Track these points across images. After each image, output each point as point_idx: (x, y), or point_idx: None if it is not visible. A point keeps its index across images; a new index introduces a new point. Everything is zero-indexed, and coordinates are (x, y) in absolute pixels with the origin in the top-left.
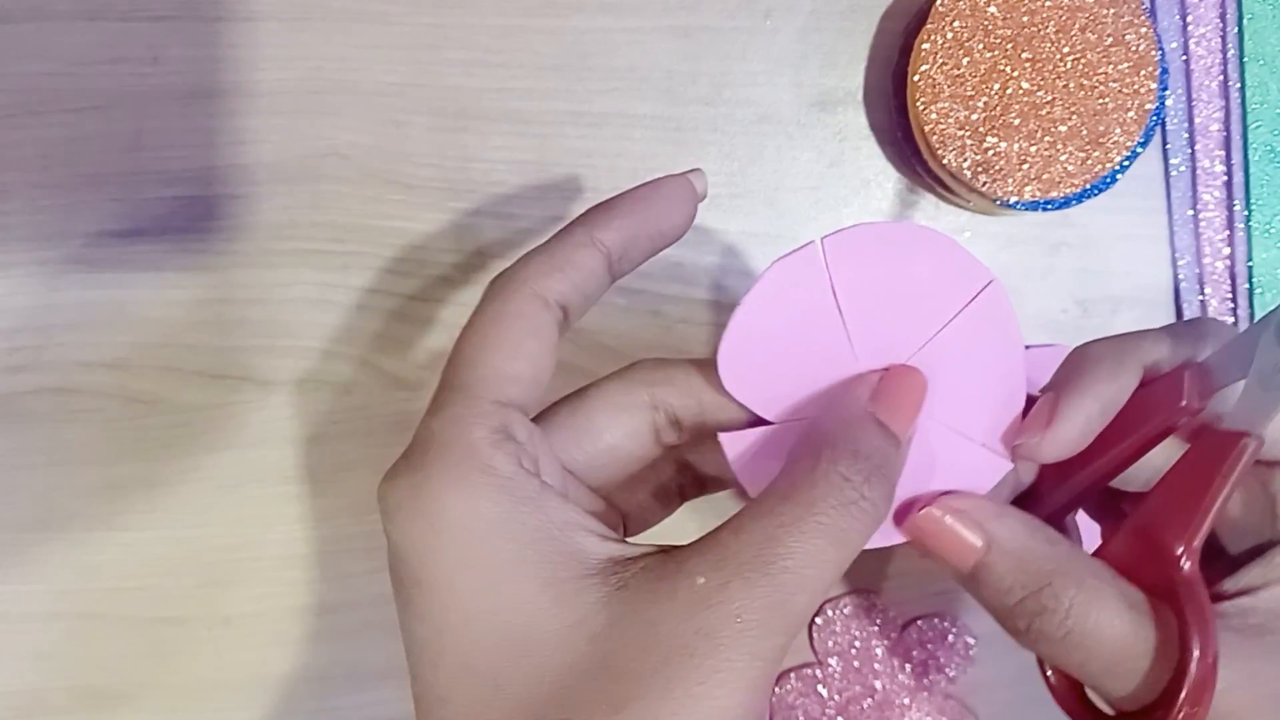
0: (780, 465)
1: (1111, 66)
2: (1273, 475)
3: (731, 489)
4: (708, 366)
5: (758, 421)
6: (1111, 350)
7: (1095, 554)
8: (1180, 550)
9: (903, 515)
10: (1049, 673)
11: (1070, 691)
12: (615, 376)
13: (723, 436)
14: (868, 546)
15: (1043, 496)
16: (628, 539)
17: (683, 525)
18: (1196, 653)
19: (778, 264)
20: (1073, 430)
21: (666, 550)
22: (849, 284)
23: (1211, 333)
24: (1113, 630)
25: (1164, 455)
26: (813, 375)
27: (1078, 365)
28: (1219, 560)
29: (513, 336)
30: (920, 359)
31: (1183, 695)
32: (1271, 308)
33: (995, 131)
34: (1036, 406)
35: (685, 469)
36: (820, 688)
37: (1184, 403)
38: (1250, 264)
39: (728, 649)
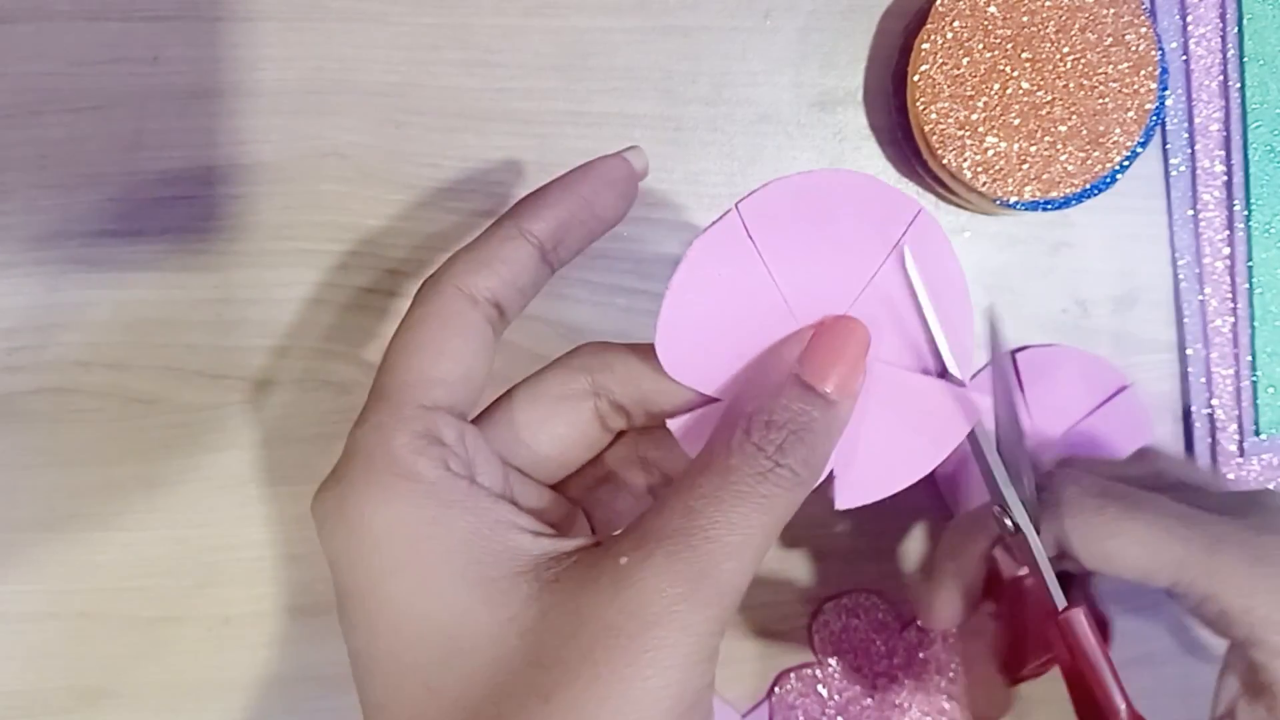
0: (714, 410)
1: (1111, 66)
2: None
3: None
4: (647, 350)
5: (705, 401)
6: (952, 539)
7: None
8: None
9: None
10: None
11: None
12: (555, 365)
13: (671, 424)
14: (843, 507)
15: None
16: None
17: None
18: None
19: (698, 240)
20: (947, 611)
21: (600, 541)
22: (775, 244)
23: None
24: None
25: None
26: (753, 344)
27: (940, 550)
28: None
29: (436, 338)
30: (861, 306)
31: None
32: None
33: (995, 131)
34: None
35: (650, 467)
36: (820, 688)
37: (1005, 577)
38: (1250, 264)
39: (655, 626)
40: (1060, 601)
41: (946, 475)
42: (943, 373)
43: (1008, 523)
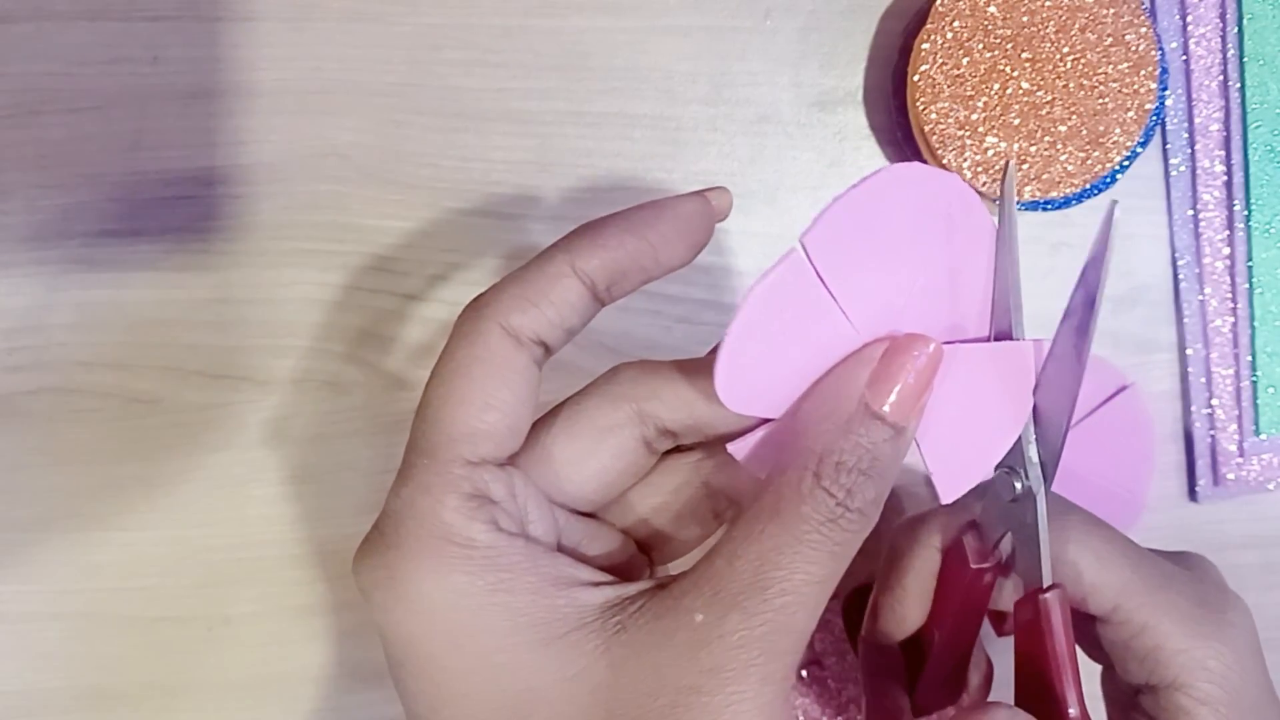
0: (778, 433)
1: (1111, 66)
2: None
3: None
4: (694, 370)
5: (765, 420)
6: (904, 539)
7: None
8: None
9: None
10: None
11: None
12: (595, 393)
13: (732, 448)
14: (950, 499)
15: (933, 662)
16: (645, 559)
17: None
18: None
19: (760, 287)
20: (891, 621)
21: (663, 584)
22: (837, 269)
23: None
24: None
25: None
26: (817, 365)
27: (886, 558)
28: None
29: (483, 387)
30: (919, 299)
31: None
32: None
33: (995, 131)
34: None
35: (714, 491)
36: (819, 687)
37: (972, 565)
38: (1250, 264)
39: (735, 681)
40: (1048, 577)
41: None
42: (1000, 335)
43: (1016, 486)
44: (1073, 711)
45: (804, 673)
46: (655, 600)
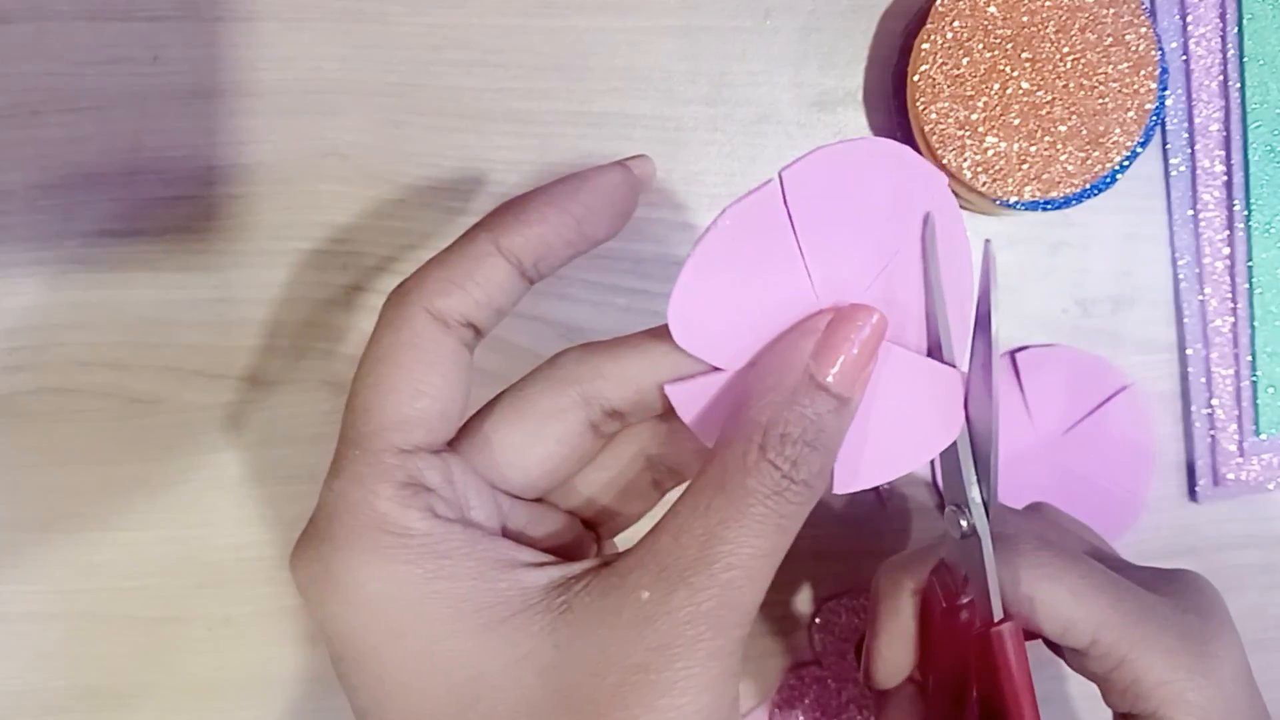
0: (726, 406)
1: (1111, 66)
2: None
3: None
4: (637, 344)
5: (708, 368)
6: (883, 584)
7: None
8: None
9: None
10: None
11: None
12: (538, 378)
13: (670, 390)
14: (841, 491)
15: (931, 704)
16: (591, 538)
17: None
18: None
19: (733, 207)
20: (883, 668)
21: (608, 562)
22: (809, 217)
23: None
24: None
25: None
26: (771, 321)
27: (870, 604)
28: None
29: (412, 373)
30: (879, 284)
31: None
32: None
33: (995, 131)
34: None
35: (654, 463)
36: (819, 687)
37: (944, 605)
38: (1250, 264)
39: (683, 658)
40: (998, 611)
41: None
42: (940, 355)
43: (962, 524)
44: None
45: (806, 672)
46: (601, 579)
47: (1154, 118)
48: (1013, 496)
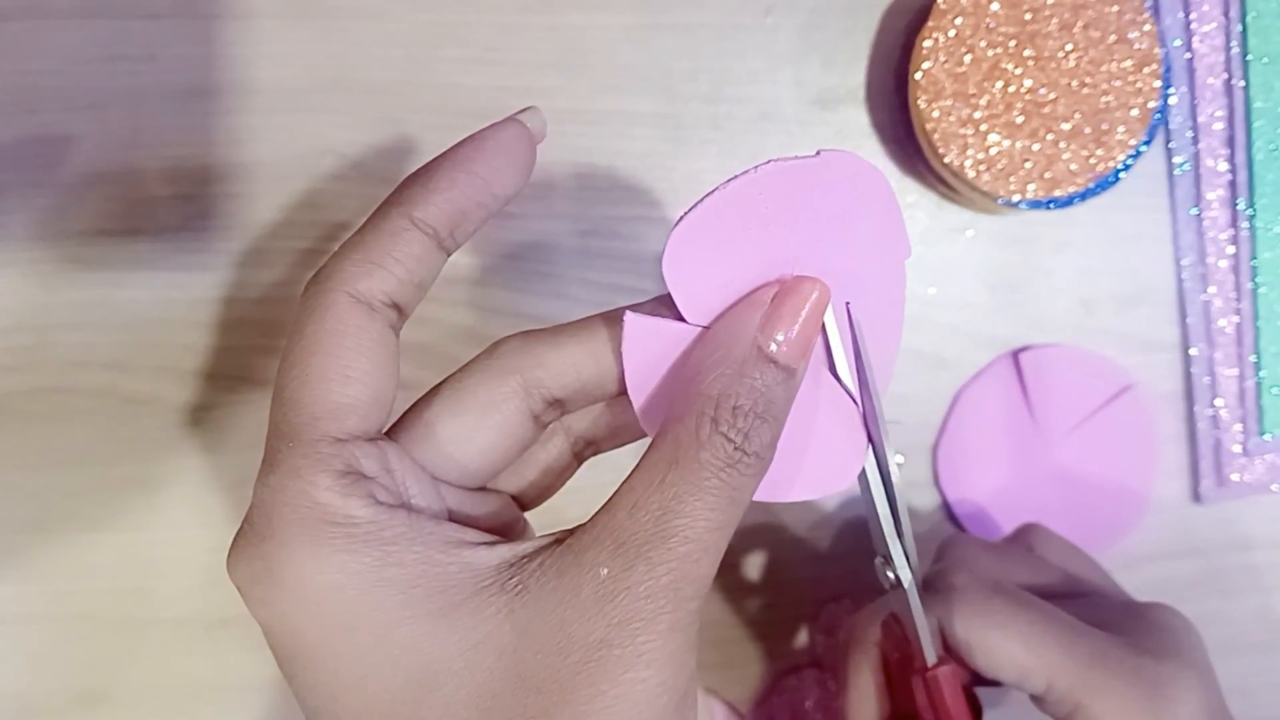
0: (667, 372)
1: (1114, 64)
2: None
3: (626, 439)
4: (577, 332)
5: (670, 310)
6: (848, 638)
7: None
8: None
9: None
10: None
11: None
12: (478, 368)
13: (629, 315)
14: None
15: None
16: (526, 519)
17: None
18: None
19: (774, 163)
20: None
21: (560, 539)
22: (809, 209)
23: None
24: None
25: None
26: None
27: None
28: None
29: (339, 360)
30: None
31: None
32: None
33: (998, 130)
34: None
35: (573, 434)
36: (820, 690)
37: (897, 654)
38: (1254, 263)
39: (645, 631)
40: (931, 656)
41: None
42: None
43: (890, 575)
44: None
45: (807, 674)
46: (556, 557)
47: (1157, 116)
48: (1016, 497)
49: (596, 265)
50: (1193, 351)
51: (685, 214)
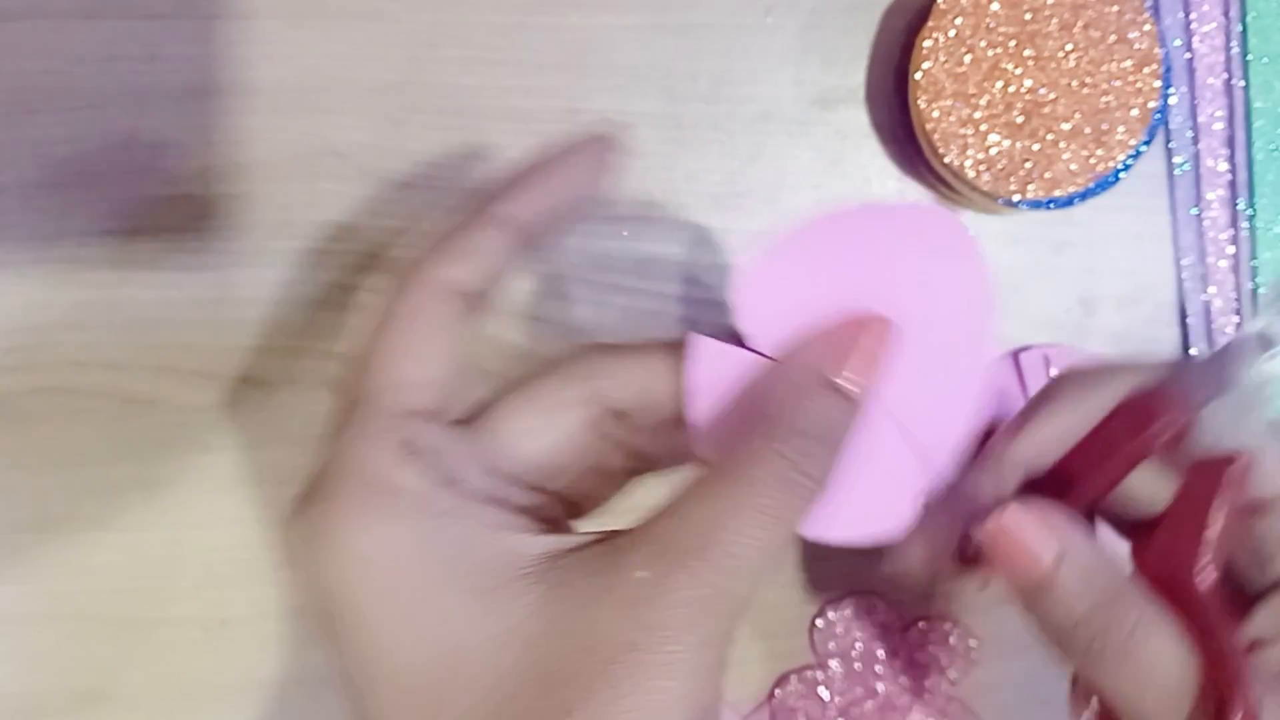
0: (726, 398)
1: (1115, 64)
2: (1257, 520)
3: (679, 461)
4: (652, 351)
5: (736, 340)
6: (1087, 376)
7: None
8: (1195, 582)
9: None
10: (1090, 708)
11: None
12: (550, 373)
13: (693, 336)
14: (806, 535)
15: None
16: (574, 524)
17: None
18: (1242, 689)
19: (861, 206)
20: (1036, 445)
21: (605, 538)
22: (884, 250)
23: (1191, 368)
24: (1168, 658)
25: (1149, 488)
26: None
27: (1053, 384)
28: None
29: (415, 338)
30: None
31: None
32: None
33: (997, 130)
34: (1010, 420)
35: (633, 451)
36: (821, 690)
37: (1159, 421)
38: (1254, 263)
39: (673, 640)
40: (1244, 446)
41: None
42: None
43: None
44: (1200, 575)
45: (807, 674)
46: (596, 555)
47: (1157, 116)
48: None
49: (597, 266)
50: (1193, 351)
51: (764, 248)
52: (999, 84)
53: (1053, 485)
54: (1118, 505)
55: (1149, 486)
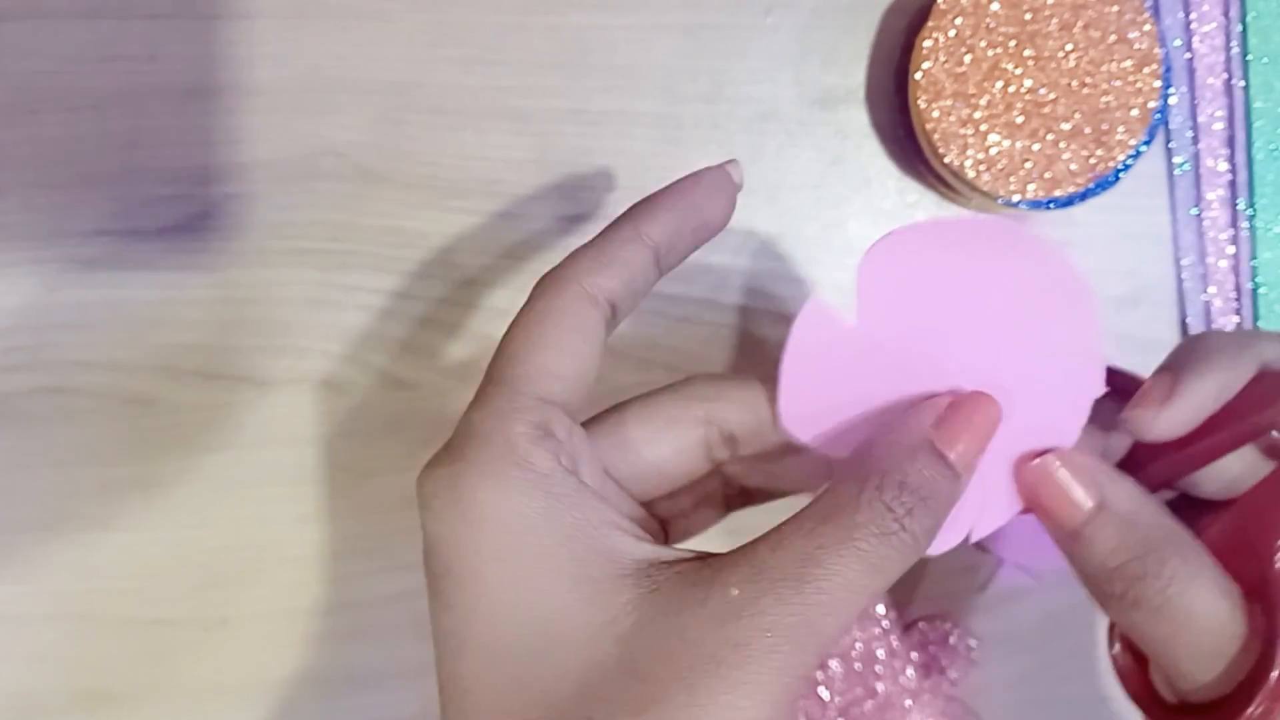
0: (822, 375)
1: (1114, 64)
2: None
3: (777, 495)
4: (764, 380)
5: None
6: (1232, 341)
7: None
8: (1275, 549)
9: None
10: (1116, 651)
11: (1135, 675)
12: (668, 389)
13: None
14: (931, 553)
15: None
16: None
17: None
18: None
19: (805, 307)
20: (1187, 410)
21: (703, 557)
22: (885, 304)
23: None
24: (1208, 608)
25: (1240, 466)
26: (876, 406)
27: (1197, 350)
28: None
29: (559, 333)
30: (990, 374)
31: (1262, 692)
32: None
33: (997, 130)
34: (1150, 383)
35: (730, 480)
36: (821, 689)
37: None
38: (1254, 263)
39: (756, 662)
40: None
41: None
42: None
43: None
44: None
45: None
46: (693, 569)
47: (1157, 116)
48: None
49: None
50: None
51: (778, 388)
52: (999, 84)
53: (1147, 453)
54: (1189, 482)
55: (1234, 468)
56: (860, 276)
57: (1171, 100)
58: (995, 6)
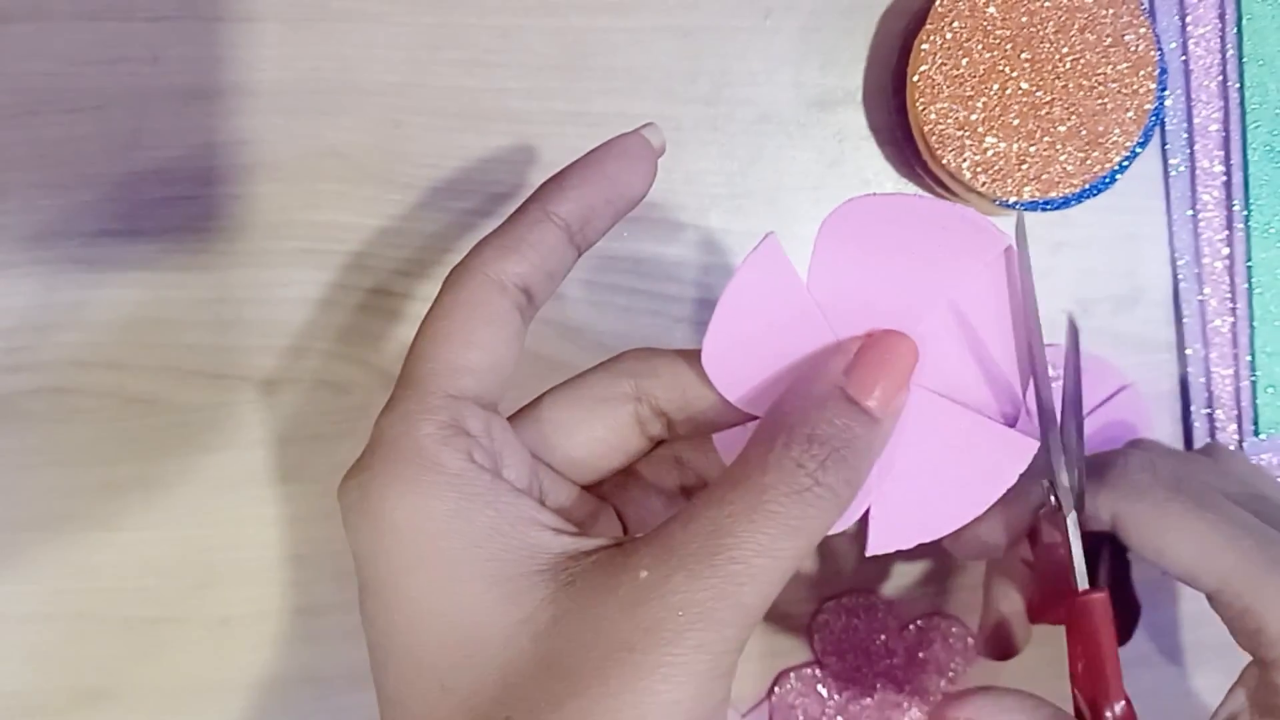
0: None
1: (1110, 67)
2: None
3: None
4: (694, 356)
5: (751, 416)
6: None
7: None
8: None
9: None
10: None
11: None
12: (599, 368)
13: (717, 439)
14: (874, 553)
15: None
16: (593, 534)
17: None
18: None
19: (748, 259)
20: (984, 543)
21: (622, 542)
22: (826, 266)
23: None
24: None
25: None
26: (799, 364)
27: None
28: None
29: (465, 326)
30: (923, 332)
31: None
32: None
33: (994, 132)
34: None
35: (684, 467)
36: (820, 687)
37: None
38: (1249, 264)
39: (670, 644)
40: (1083, 583)
41: None
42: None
43: (1052, 499)
44: (1108, 714)
45: (806, 672)
46: (608, 556)
47: (1153, 118)
48: None
49: (597, 266)
50: (1188, 352)
51: (705, 340)
52: (996, 86)
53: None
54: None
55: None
56: (818, 237)
57: (1167, 102)
58: (992, 10)
